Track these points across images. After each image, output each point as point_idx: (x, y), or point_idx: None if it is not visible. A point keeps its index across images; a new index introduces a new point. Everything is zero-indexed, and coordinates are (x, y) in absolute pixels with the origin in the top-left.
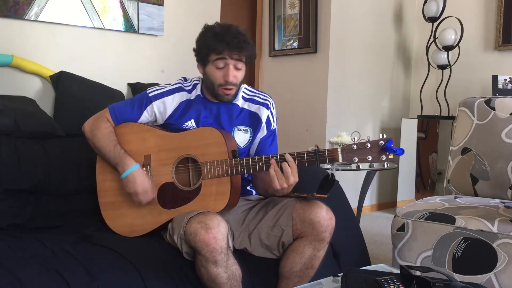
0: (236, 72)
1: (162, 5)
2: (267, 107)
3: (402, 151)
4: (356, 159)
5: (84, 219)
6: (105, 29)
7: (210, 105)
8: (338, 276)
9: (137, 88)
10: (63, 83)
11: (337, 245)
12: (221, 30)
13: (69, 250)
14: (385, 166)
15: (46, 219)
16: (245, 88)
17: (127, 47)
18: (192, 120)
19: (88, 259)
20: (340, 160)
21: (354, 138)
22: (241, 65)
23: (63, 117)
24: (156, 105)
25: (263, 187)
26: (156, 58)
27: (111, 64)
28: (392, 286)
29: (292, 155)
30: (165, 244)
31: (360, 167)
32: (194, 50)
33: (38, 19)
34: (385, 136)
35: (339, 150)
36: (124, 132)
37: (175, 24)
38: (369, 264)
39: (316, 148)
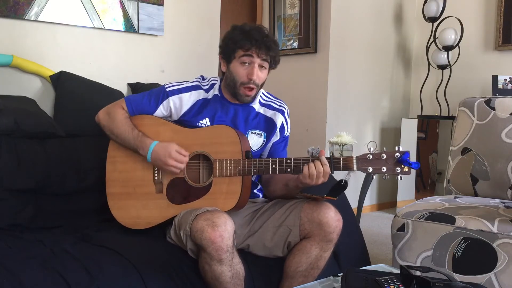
0: (260, 73)
1: (162, 5)
2: (283, 113)
3: (418, 165)
4: (371, 169)
5: (84, 219)
6: (105, 29)
7: (227, 105)
8: (338, 276)
9: (137, 88)
10: (63, 83)
11: (337, 245)
12: (251, 28)
13: (69, 250)
14: (399, 178)
15: (46, 219)
16: (262, 93)
17: (127, 47)
18: (207, 119)
19: (88, 259)
20: (355, 169)
21: (370, 148)
22: (266, 66)
23: (63, 117)
24: (172, 100)
25: (283, 182)
26: (156, 58)
27: (111, 64)
28: (392, 286)
29: (306, 160)
30: (165, 244)
31: (374, 177)
32: (219, 47)
33: (38, 19)
34: (401, 148)
35: (354, 159)
36: (138, 124)
37: (175, 24)
38: (369, 264)
39: (331, 155)
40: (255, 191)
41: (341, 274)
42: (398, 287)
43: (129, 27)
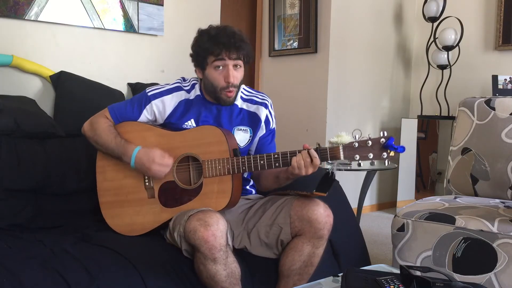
0: (235, 73)
1: (162, 5)
2: (266, 106)
3: (403, 149)
4: (358, 157)
5: (84, 219)
6: (105, 29)
7: (210, 106)
8: (338, 276)
9: (137, 88)
10: (63, 83)
11: (337, 245)
12: (217, 32)
13: (69, 250)
14: (386, 163)
15: (46, 219)
16: (243, 88)
17: (127, 47)
18: (192, 120)
19: (88, 259)
20: (342, 157)
21: (355, 136)
22: (241, 64)
23: (63, 117)
24: (155, 104)
25: (274, 175)
26: (156, 58)
27: (111, 64)
28: (392, 286)
29: (293, 153)
30: (165, 244)
31: (362, 164)
32: (191, 55)
33: (38, 19)
34: (386, 133)
35: (340, 147)
36: (124, 131)
37: (175, 24)
38: (369, 264)
39: (317, 146)
40: (247, 187)
41: (341, 274)
42: (398, 287)
43: (129, 27)
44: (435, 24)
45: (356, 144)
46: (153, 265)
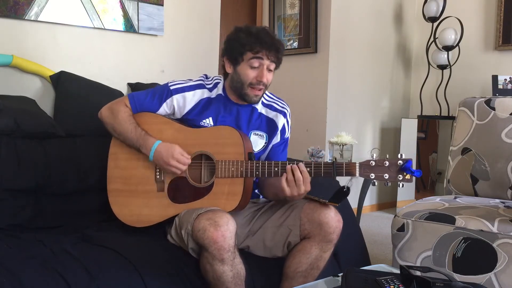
0: (268, 74)
1: (162, 5)
2: (285, 115)
3: (420, 173)
4: (373, 176)
5: (84, 219)
6: (105, 29)
7: (231, 105)
8: (338, 276)
9: (137, 88)
10: (63, 83)
11: (337, 245)
12: (257, 30)
13: (69, 250)
14: (401, 185)
15: (46, 219)
16: (265, 93)
17: (127, 47)
18: (210, 118)
19: (88, 259)
20: (357, 175)
21: (373, 155)
22: (273, 67)
23: (63, 117)
24: (176, 99)
25: (273, 192)
26: (156, 58)
27: (111, 64)
28: (392, 286)
29: (308, 165)
30: (165, 244)
31: (376, 183)
32: (224, 49)
33: (38, 19)
34: (404, 156)
35: (357, 165)
36: (141, 122)
37: (175, 24)
38: (369, 264)
39: (333, 160)
40: (256, 191)
41: (341, 274)
42: (398, 287)
43: (129, 27)
44: (435, 24)
45: (373, 163)
46: (153, 265)
